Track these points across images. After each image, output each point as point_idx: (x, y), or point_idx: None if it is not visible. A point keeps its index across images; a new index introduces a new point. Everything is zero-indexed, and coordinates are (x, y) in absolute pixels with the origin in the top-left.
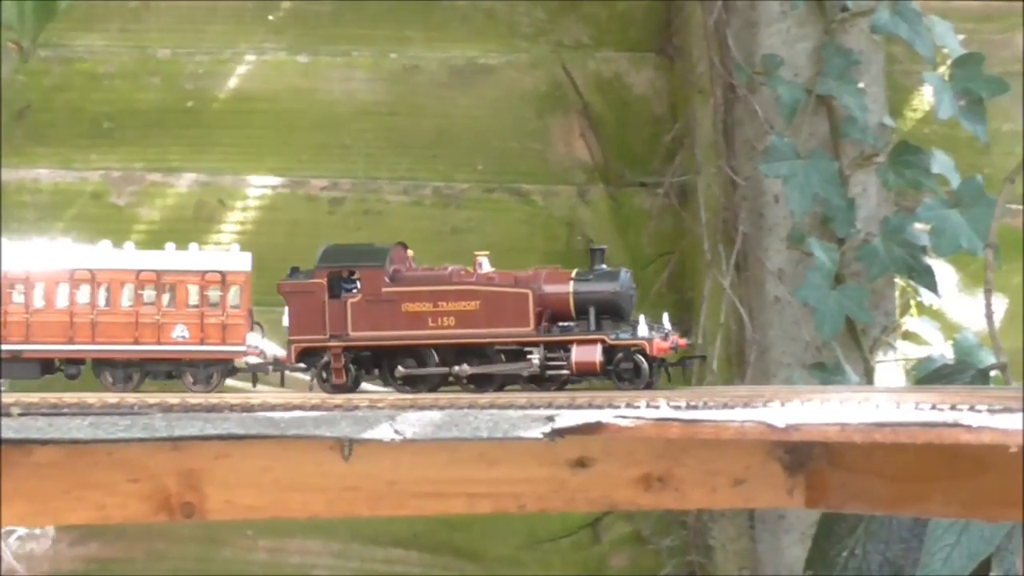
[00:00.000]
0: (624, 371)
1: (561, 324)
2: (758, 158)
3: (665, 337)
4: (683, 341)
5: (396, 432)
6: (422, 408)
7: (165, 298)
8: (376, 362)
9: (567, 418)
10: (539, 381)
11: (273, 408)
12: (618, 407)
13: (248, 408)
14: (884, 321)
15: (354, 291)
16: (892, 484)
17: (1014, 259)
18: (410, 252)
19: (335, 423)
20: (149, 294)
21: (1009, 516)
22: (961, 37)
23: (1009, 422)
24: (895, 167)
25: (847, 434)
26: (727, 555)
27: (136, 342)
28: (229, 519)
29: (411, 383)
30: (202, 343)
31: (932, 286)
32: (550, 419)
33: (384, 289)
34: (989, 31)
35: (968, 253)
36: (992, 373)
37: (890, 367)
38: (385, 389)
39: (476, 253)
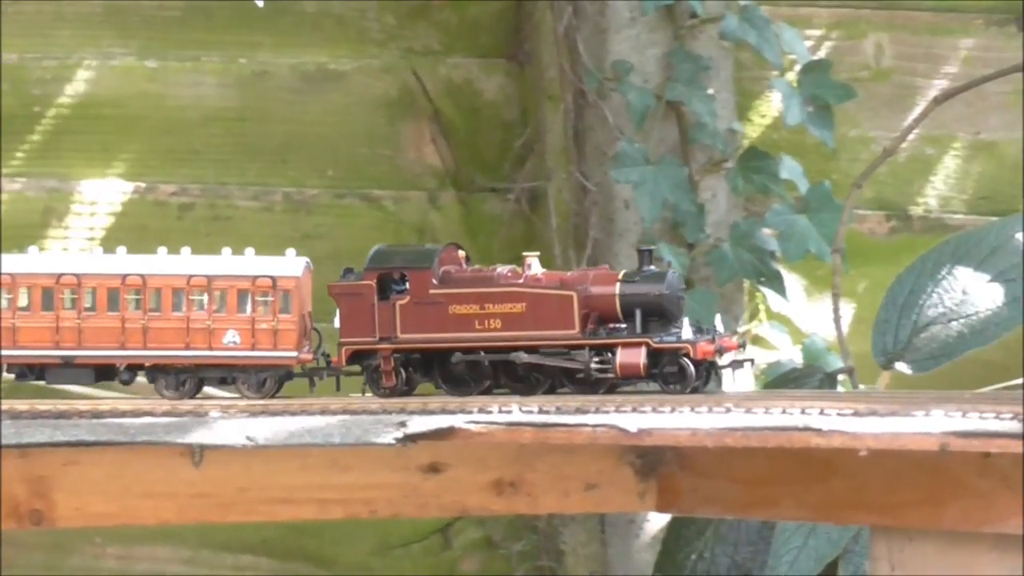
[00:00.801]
0: (669, 374)
1: (611, 326)
2: (608, 164)
3: (711, 340)
4: (733, 343)
5: (248, 438)
6: (274, 414)
7: (216, 304)
8: (426, 365)
9: (419, 423)
10: (587, 384)
11: (123, 415)
12: (470, 412)
13: (98, 415)
14: (733, 326)
15: (402, 293)
16: (743, 488)
17: (861, 264)
18: (461, 252)
19: (186, 429)
20: (200, 300)
21: (857, 519)
22: (809, 43)
23: (859, 425)
24: (744, 173)
25: (698, 439)
26: (578, 559)
27: (187, 348)
28: (78, 526)
29: (459, 384)
30: (253, 349)
31: (781, 291)
32: (402, 424)
33: (431, 291)
34: (836, 37)
35: (816, 258)
36: (840, 377)
37: (740, 372)
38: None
39: (525, 254)
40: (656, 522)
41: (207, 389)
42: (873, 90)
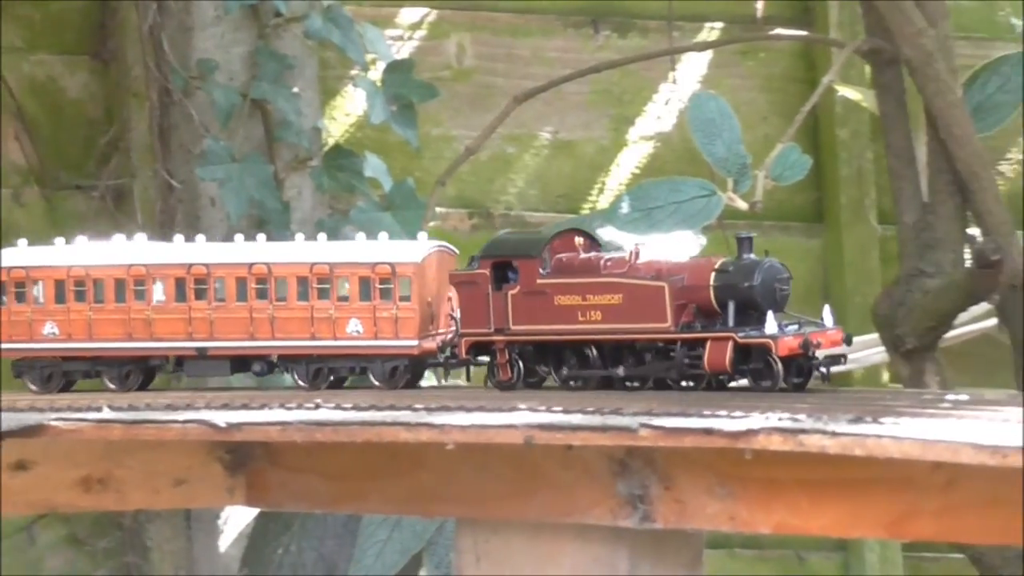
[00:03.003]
0: (755, 371)
1: (711, 318)
2: (194, 161)
3: (800, 335)
4: (835, 338)
5: None
6: None
7: (338, 292)
8: (540, 356)
9: (7, 421)
10: (684, 379)
11: None
12: (60, 410)
13: None
14: None
15: (515, 282)
16: (331, 483)
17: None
18: (580, 239)
19: None
20: (323, 288)
21: (444, 512)
22: (392, 43)
23: (446, 419)
24: (329, 170)
25: (288, 434)
26: (163, 555)
27: (313, 337)
28: None
29: (579, 379)
30: (376, 337)
31: None
32: None
33: (538, 281)
34: (419, 37)
35: None
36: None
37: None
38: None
39: (636, 242)
40: (243, 517)
41: None
42: (455, 90)
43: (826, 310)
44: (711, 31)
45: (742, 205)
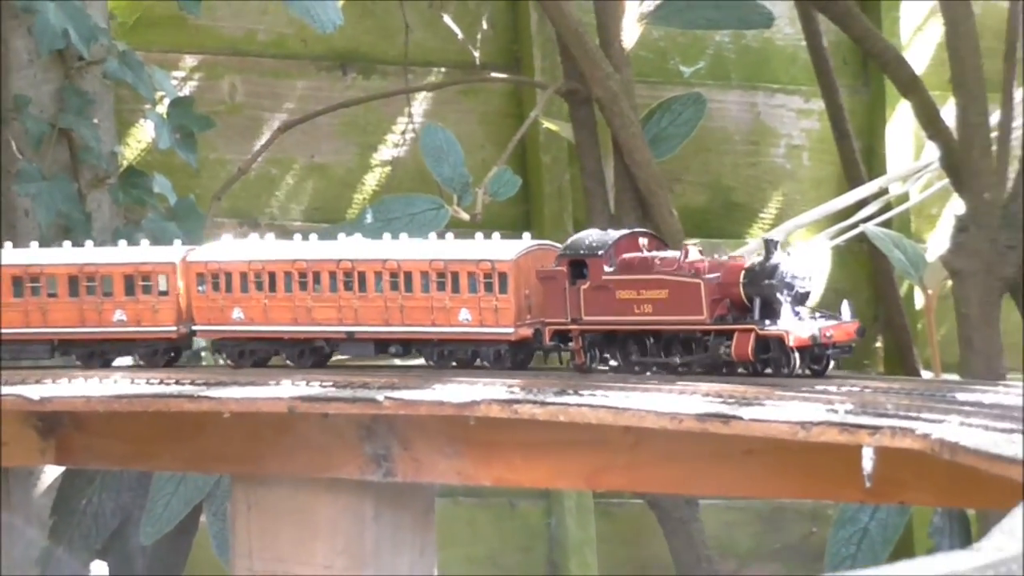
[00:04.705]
0: (772, 360)
1: (743, 312)
2: (11, 179)
3: (809, 328)
4: (848, 331)
5: None
6: None
7: (451, 285)
8: (607, 344)
9: None
10: (721, 366)
11: None
12: None
13: None
14: None
15: (587, 278)
16: (128, 445)
17: None
18: (644, 240)
19: None
20: (440, 281)
21: (220, 469)
22: (176, 83)
23: (223, 392)
24: (124, 188)
25: (91, 405)
26: None
27: (433, 324)
28: None
29: (642, 366)
30: (481, 325)
31: None
32: None
33: (604, 277)
34: (198, 78)
35: None
36: None
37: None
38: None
39: (685, 242)
40: (52, 473)
41: None
42: (229, 121)
43: (844, 305)
44: (438, 74)
45: (465, 216)
